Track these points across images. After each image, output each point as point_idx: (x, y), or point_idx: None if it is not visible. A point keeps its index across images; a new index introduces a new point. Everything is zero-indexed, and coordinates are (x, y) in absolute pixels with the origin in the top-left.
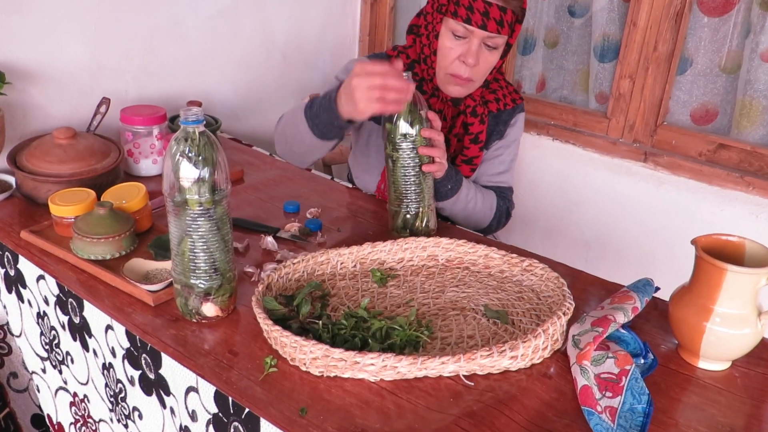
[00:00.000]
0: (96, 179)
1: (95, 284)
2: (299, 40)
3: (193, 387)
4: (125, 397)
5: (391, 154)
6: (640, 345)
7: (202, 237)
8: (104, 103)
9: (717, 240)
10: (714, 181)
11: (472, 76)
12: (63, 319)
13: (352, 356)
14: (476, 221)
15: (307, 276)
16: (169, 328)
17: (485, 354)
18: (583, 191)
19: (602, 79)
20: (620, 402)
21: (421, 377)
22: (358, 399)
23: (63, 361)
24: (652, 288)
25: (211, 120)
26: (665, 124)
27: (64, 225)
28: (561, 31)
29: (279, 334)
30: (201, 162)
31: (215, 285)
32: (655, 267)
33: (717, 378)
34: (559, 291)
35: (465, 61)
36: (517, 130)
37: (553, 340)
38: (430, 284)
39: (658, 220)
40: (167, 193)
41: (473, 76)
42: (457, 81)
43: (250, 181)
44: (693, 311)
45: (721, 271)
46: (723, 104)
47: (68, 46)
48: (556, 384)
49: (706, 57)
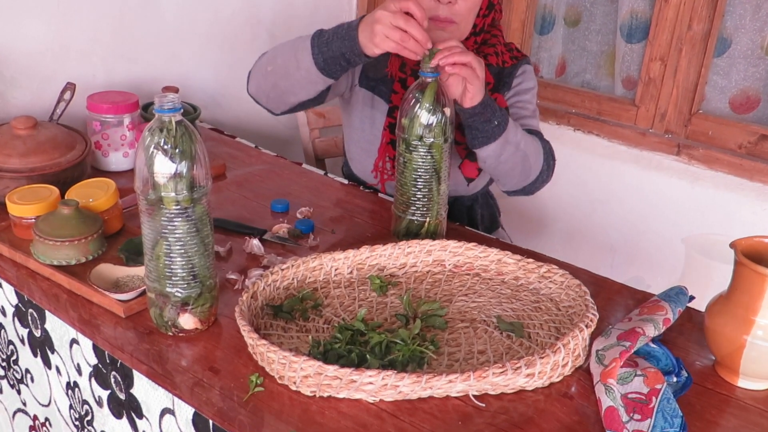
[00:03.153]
0: (60, 174)
1: (59, 293)
2: (289, 17)
3: (168, 409)
4: (92, 420)
5: (403, 154)
6: (673, 361)
7: (179, 240)
8: (69, 89)
9: (759, 243)
10: (755, 176)
11: (451, 17)
12: (22, 333)
13: (348, 374)
14: (530, 166)
15: (298, 284)
16: (142, 343)
17: (498, 371)
18: (608, 188)
19: (630, 62)
20: (650, 426)
21: (426, 398)
22: (355, 422)
23: (22, 380)
24: (686, 297)
25: (189, 108)
26: (701, 112)
27: (24, 226)
28: (583, 7)
29: (266, 349)
30: (178, 155)
31: (194, 294)
32: (690, 273)
33: (759, 398)
34: (581, 300)
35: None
36: (528, 80)
37: (575, 355)
38: (436, 293)
39: (693, 220)
40: (140, 190)
41: (454, 17)
42: (438, 24)
43: (233, 177)
44: (732, 323)
45: (763, 278)
46: (766, 90)
47: (28, 25)
48: (577, 405)
49: (747, 37)
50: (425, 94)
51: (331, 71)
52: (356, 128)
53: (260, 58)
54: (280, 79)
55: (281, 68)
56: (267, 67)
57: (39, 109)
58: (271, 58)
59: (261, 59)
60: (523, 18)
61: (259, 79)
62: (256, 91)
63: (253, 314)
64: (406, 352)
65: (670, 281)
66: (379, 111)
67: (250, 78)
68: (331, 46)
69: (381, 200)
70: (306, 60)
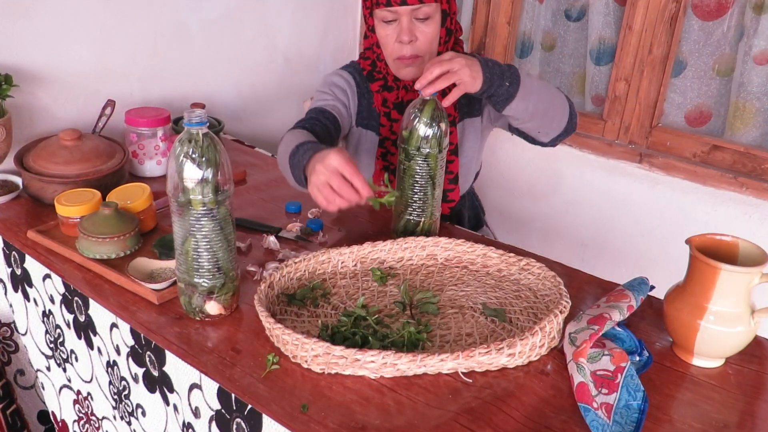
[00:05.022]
0: (101, 180)
1: (100, 283)
2: (301, 43)
3: (196, 384)
4: (129, 394)
5: (403, 162)
6: (636, 342)
7: (206, 237)
8: (109, 106)
9: (711, 239)
10: (708, 181)
11: (416, 52)
12: (68, 318)
13: (353, 354)
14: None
15: (309, 275)
16: (173, 326)
17: (483, 351)
18: (579, 192)
19: (598, 82)
20: (616, 398)
21: (421, 374)
22: (359, 396)
23: (67, 359)
24: (647, 287)
25: (215, 122)
26: (660, 125)
27: (70, 225)
28: (558, 34)
29: (281, 332)
30: (204, 163)
31: (218, 284)
32: (651, 266)
33: (711, 375)
34: (556, 290)
35: (401, 40)
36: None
37: (550, 337)
38: (430, 283)
39: (653, 220)
40: (171, 193)
41: (418, 52)
42: (405, 62)
43: (252, 182)
44: (687, 309)
45: (714, 270)
46: (717, 106)
47: (74, 49)
48: (552, 381)
49: (701, 60)
50: (423, 110)
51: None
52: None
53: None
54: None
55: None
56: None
57: (83, 122)
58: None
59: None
60: (505, 43)
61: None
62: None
63: (270, 302)
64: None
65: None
66: (372, 143)
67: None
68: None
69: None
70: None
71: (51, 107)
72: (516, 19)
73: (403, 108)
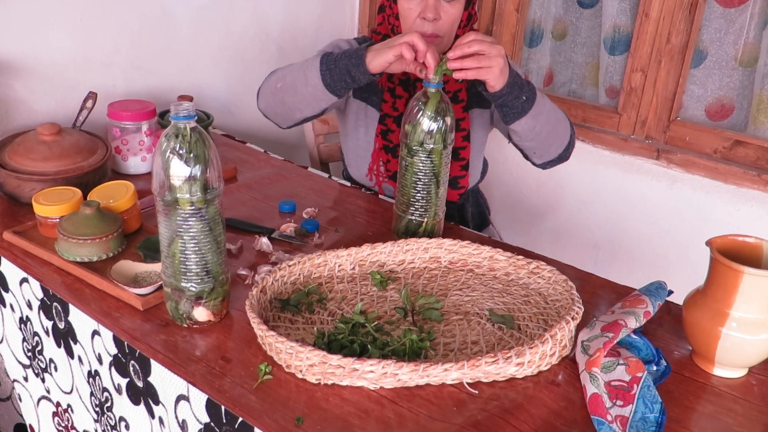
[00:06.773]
0: (82, 177)
1: (81, 287)
2: (295, 30)
3: (183, 395)
4: (111, 406)
5: (405, 158)
6: (653, 351)
7: (194, 238)
8: (91, 98)
9: (733, 241)
10: (730, 179)
11: (437, 32)
12: (47, 325)
13: (351, 363)
14: (562, 131)
15: (304, 279)
16: (159, 334)
17: (490, 360)
18: (592, 190)
19: (613, 73)
20: (632, 411)
21: (423, 385)
22: (357, 408)
23: (46, 369)
24: (665, 291)
25: (203, 115)
26: (679, 119)
27: (49, 225)
28: (569, 22)
29: (274, 340)
30: (192, 159)
31: (207, 288)
32: (669, 269)
33: (733, 386)
34: (568, 294)
35: (425, 16)
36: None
37: (561, 346)
38: (433, 287)
39: (672, 220)
40: (157, 192)
41: (438, 31)
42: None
43: (243, 180)
44: (708, 316)
45: (737, 274)
46: (739, 99)
47: (53, 38)
48: (564, 392)
49: (722, 49)
50: (428, 104)
51: (337, 88)
52: (351, 136)
53: (269, 76)
54: (288, 95)
55: (290, 85)
56: (277, 83)
57: (63, 116)
58: (281, 76)
59: (270, 77)
60: (513, 32)
61: (268, 96)
62: (265, 107)
63: (262, 307)
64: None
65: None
66: (372, 119)
67: (259, 95)
68: (338, 63)
69: (381, 201)
70: (314, 77)
71: (28, 100)
72: (525, 5)
73: (409, 86)
